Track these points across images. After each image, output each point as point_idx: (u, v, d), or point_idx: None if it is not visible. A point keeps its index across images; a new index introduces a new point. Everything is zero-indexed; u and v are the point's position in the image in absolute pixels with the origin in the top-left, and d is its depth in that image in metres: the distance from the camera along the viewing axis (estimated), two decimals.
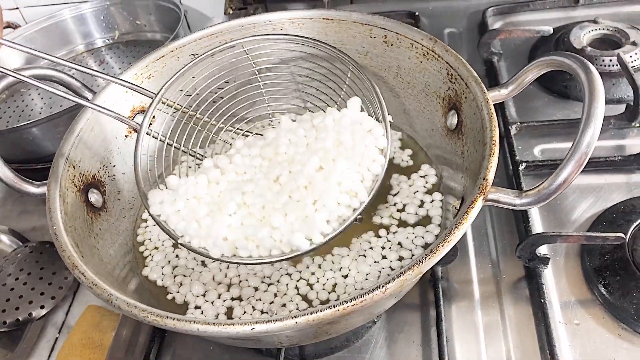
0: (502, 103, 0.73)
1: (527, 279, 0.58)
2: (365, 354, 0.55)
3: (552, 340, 0.52)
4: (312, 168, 0.50)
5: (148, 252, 0.59)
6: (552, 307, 0.55)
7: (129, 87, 0.57)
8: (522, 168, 0.66)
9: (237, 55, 0.59)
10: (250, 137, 0.59)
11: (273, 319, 0.38)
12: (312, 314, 0.38)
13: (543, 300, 0.55)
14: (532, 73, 0.49)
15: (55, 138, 0.75)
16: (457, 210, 0.48)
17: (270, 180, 0.52)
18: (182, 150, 0.58)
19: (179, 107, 0.58)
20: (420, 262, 0.40)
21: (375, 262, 0.54)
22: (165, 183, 0.53)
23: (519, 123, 0.71)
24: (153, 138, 0.56)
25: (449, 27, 0.92)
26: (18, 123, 0.87)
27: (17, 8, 1.08)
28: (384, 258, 0.54)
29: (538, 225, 0.62)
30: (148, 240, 0.60)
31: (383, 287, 0.39)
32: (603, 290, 0.55)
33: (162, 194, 0.52)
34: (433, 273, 0.58)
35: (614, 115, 0.69)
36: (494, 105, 0.49)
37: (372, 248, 0.55)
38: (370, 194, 0.50)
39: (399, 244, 0.55)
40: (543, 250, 0.58)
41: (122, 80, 0.57)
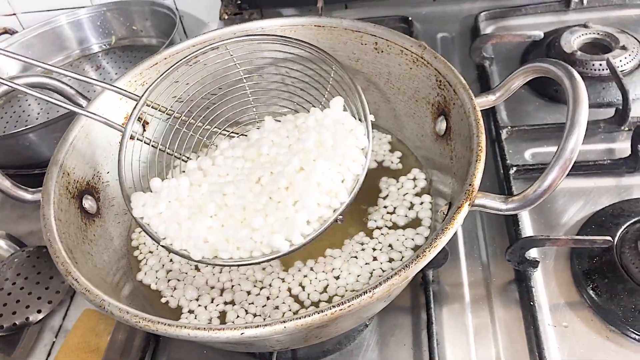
0: (493, 107, 0.73)
1: (517, 282, 0.59)
2: (357, 357, 0.56)
3: (541, 343, 0.53)
4: (292, 169, 0.50)
5: (142, 256, 0.60)
6: (541, 309, 0.56)
7: (118, 91, 0.58)
8: (512, 172, 0.67)
9: (222, 57, 0.60)
10: (235, 138, 0.59)
11: (262, 324, 0.39)
12: (300, 319, 0.39)
13: (532, 303, 0.56)
14: (518, 80, 0.49)
15: (52, 144, 0.75)
16: (445, 215, 0.49)
17: (252, 182, 0.52)
18: (173, 155, 0.58)
19: (164, 109, 0.59)
20: (407, 267, 0.40)
21: (366, 263, 0.54)
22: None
23: (510, 127, 0.71)
24: (145, 144, 0.57)
25: (442, 31, 0.93)
26: (15, 129, 0.88)
27: (14, 14, 1.09)
28: (375, 260, 0.55)
29: (528, 229, 0.63)
30: (142, 245, 0.61)
31: (370, 292, 0.39)
32: (591, 293, 0.56)
33: (144, 197, 0.52)
34: (424, 276, 0.59)
35: (604, 119, 0.70)
36: (485, 110, 0.50)
37: (363, 250, 0.56)
38: (351, 194, 0.50)
39: (390, 246, 0.56)
40: (533, 254, 0.59)
41: (110, 85, 0.58)
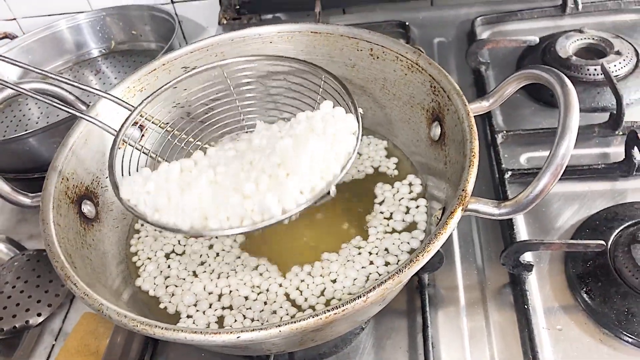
0: (488, 112, 0.73)
1: (511, 286, 0.60)
2: None
3: (535, 346, 0.53)
4: (284, 146, 0.50)
5: (141, 262, 0.60)
6: (535, 312, 0.57)
7: (114, 100, 0.58)
8: (507, 176, 0.67)
9: (215, 74, 0.61)
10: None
11: (258, 328, 0.39)
12: (295, 323, 0.39)
13: (527, 306, 0.56)
14: (511, 86, 0.50)
15: (52, 148, 0.76)
16: (438, 220, 0.49)
17: (244, 163, 0.51)
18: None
19: (157, 121, 0.59)
20: (401, 271, 0.41)
21: (363, 267, 0.55)
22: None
23: (505, 131, 0.72)
24: (137, 150, 0.57)
25: (439, 36, 0.93)
26: (15, 133, 0.89)
27: (14, 19, 1.09)
28: (372, 263, 0.55)
29: (523, 233, 0.63)
30: (141, 251, 0.61)
31: (364, 296, 0.40)
32: (585, 297, 0.56)
33: (133, 178, 0.51)
34: (420, 280, 0.60)
35: (598, 124, 0.71)
36: (480, 115, 0.51)
37: (360, 253, 0.56)
38: (343, 168, 0.50)
39: (386, 250, 0.56)
40: (527, 257, 0.60)
41: (106, 93, 0.58)
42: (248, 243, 0.60)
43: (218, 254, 0.59)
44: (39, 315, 0.65)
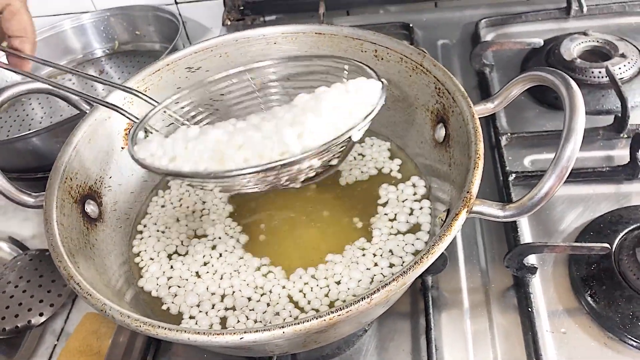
0: (493, 114, 0.73)
1: (515, 288, 0.59)
2: None
3: (539, 349, 0.53)
4: (303, 99, 0.49)
5: (144, 262, 0.60)
6: (539, 315, 0.56)
7: (134, 93, 0.59)
8: (512, 178, 0.67)
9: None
10: None
11: (261, 329, 0.39)
12: (299, 324, 0.39)
13: (531, 309, 0.56)
14: (516, 88, 0.50)
15: (55, 148, 0.76)
16: (443, 222, 0.49)
17: (261, 119, 0.51)
18: None
19: (180, 119, 0.59)
20: (405, 273, 0.41)
21: (367, 268, 0.55)
22: None
23: (510, 134, 0.72)
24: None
25: (443, 38, 0.93)
26: (19, 132, 0.89)
27: None
28: (376, 265, 0.55)
29: (527, 235, 0.63)
30: (144, 252, 0.61)
31: (368, 297, 0.40)
32: (589, 300, 0.56)
33: (151, 136, 0.52)
34: (423, 282, 0.59)
35: (603, 126, 0.70)
36: (484, 117, 0.51)
37: (364, 255, 0.56)
38: (366, 117, 0.48)
39: (390, 251, 0.56)
40: (531, 260, 0.59)
41: (127, 88, 0.59)
42: (251, 244, 0.60)
43: (221, 255, 0.59)
44: (41, 315, 0.65)
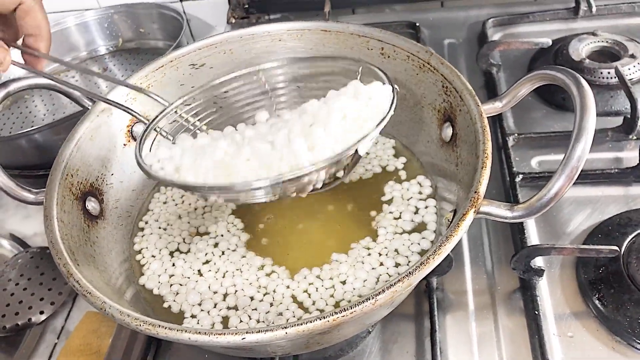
0: (500, 114, 0.72)
1: (521, 291, 0.58)
2: None
3: (545, 352, 0.52)
4: (315, 105, 0.49)
5: (145, 260, 0.59)
6: (546, 318, 0.56)
7: (139, 90, 0.58)
8: (519, 179, 0.66)
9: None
10: None
11: (263, 329, 0.38)
12: (302, 325, 0.38)
13: (537, 312, 0.55)
14: (525, 87, 0.49)
15: (57, 145, 0.75)
16: (449, 222, 0.48)
17: (270, 126, 0.51)
18: None
19: (192, 119, 0.58)
20: (411, 274, 0.40)
21: (373, 268, 0.54)
22: None
23: (517, 134, 0.71)
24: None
25: (449, 38, 0.93)
26: (21, 129, 0.89)
27: None
28: (381, 265, 0.54)
29: (534, 237, 0.62)
30: (145, 249, 0.60)
31: (373, 298, 0.39)
32: (597, 303, 0.55)
33: (159, 144, 0.52)
34: (428, 283, 0.59)
35: (612, 128, 0.69)
36: (491, 117, 0.50)
37: (369, 254, 0.55)
38: (378, 125, 0.48)
39: (396, 251, 0.55)
40: (538, 262, 0.58)
41: (131, 85, 0.59)
42: (254, 242, 0.59)
43: (223, 253, 0.58)
44: (42, 313, 0.65)
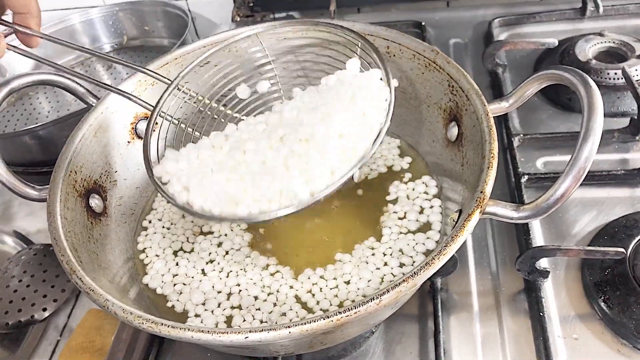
0: (505, 114, 0.72)
1: (526, 292, 0.58)
2: None
3: (550, 355, 0.52)
4: (313, 121, 0.50)
5: (149, 259, 0.59)
6: (551, 320, 0.55)
7: (150, 74, 0.58)
8: (524, 180, 0.66)
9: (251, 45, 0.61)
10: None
11: (267, 328, 0.38)
12: (305, 324, 0.38)
13: (542, 314, 0.55)
14: (532, 87, 0.49)
15: (62, 142, 0.75)
16: (455, 223, 0.48)
17: (273, 139, 0.51)
18: (201, 136, 0.58)
19: (195, 94, 0.58)
20: (416, 274, 0.40)
21: (377, 268, 0.54)
22: None
23: (522, 135, 0.71)
24: (172, 123, 0.58)
25: (455, 37, 0.92)
26: (25, 126, 0.89)
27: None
28: (386, 265, 0.54)
29: (539, 238, 0.62)
30: (149, 248, 0.60)
31: (377, 298, 0.39)
32: (603, 305, 0.54)
33: (166, 153, 0.53)
34: (432, 284, 0.58)
35: (618, 129, 0.69)
36: (497, 117, 0.50)
37: (373, 254, 0.55)
38: (374, 144, 0.48)
39: (400, 251, 0.55)
40: (543, 264, 0.58)
41: (142, 67, 0.59)
42: (258, 241, 0.59)
43: (227, 252, 0.58)
44: (45, 310, 0.65)
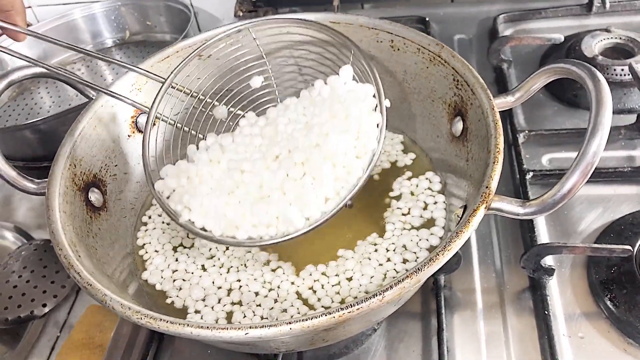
0: (510, 111, 0.72)
1: (531, 290, 0.58)
2: None
3: (555, 353, 0.51)
4: (308, 144, 0.51)
5: (148, 255, 0.58)
6: (556, 319, 0.55)
7: (144, 74, 0.58)
8: (529, 177, 0.65)
9: (245, 40, 0.61)
10: (254, 116, 0.60)
11: (267, 325, 0.37)
12: (307, 321, 0.37)
13: (547, 312, 0.54)
14: (539, 80, 0.48)
15: (63, 136, 0.75)
16: (459, 218, 0.47)
17: (269, 160, 0.52)
18: (197, 136, 0.59)
19: (189, 91, 0.59)
20: (420, 270, 0.39)
21: (380, 264, 0.53)
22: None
23: (527, 131, 0.70)
24: (169, 124, 0.58)
25: (459, 33, 0.91)
26: (26, 121, 0.88)
27: (29, 7, 1.09)
28: (389, 261, 0.53)
29: (544, 235, 0.61)
30: (148, 244, 0.59)
31: (380, 294, 0.38)
32: (609, 304, 0.54)
33: (167, 168, 0.54)
34: (436, 281, 0.58)
35: (625, 126, 0.68)
36: (501, 114, 0.49)
37: (376, 250, 0.54)
38: (367, 170, 0.51)
39: (404, 247, 0.54)
40: (548, 261, 0.57)
41: (137, 68, 0.59)
42: None
43: (228, 248, 0.57)
44: (44, 306, 0.64)
